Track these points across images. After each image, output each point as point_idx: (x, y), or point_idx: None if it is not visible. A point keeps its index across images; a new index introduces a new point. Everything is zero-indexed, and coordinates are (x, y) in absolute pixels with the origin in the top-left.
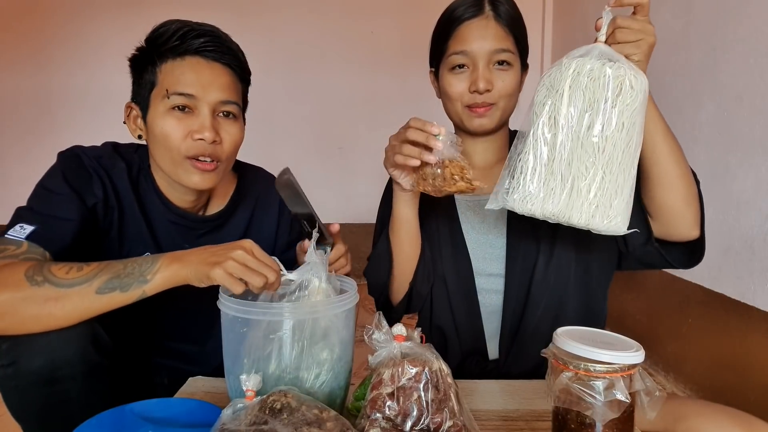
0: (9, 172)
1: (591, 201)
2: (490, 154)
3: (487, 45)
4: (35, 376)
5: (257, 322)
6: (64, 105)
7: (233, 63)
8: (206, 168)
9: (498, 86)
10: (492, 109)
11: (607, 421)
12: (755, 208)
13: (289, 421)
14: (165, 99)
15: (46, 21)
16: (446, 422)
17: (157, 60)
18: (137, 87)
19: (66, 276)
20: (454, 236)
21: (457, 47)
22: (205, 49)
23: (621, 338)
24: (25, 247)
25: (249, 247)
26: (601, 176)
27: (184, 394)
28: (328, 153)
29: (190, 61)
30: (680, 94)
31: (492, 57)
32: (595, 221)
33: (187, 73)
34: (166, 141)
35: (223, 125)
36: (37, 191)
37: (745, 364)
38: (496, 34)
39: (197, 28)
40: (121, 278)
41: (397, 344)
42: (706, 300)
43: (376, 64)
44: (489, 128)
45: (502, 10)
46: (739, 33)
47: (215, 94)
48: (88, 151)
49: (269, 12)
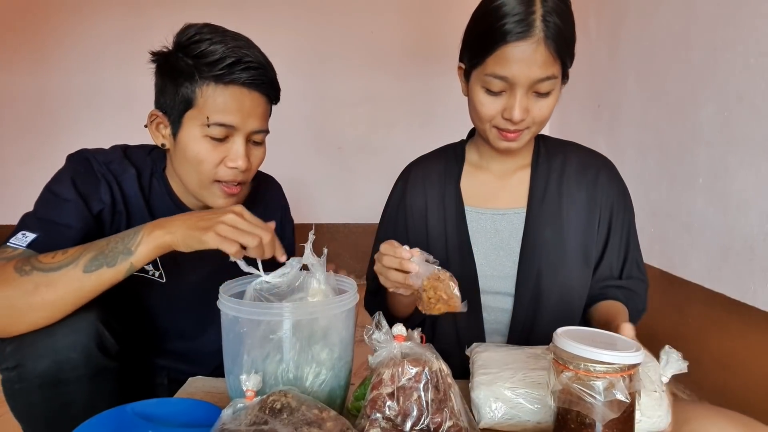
0: (9, 171)
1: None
2: (510, 164)
3: (532, 74)
4: (40, 378)
5: (257, 323)
6: (63, 104)
7: (271, 93)
8: (233, 192)
9: (534, 113)
10: (523, 133)
11: (607, 421)
12: (755, 208)
13: (289, 421)
14: (204, 126)
15: (46, 20)
16: (446, 422)
17: (198, 79)
18: (167, 97)
19: (52, 261)
20: (463, 249)
21: (497, 70)
22: (252, 83)
23: (621, 338)
24: (21, 251)
25: (239, 210)
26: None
27: (184, 394)
28: (328, 153)
29: (234, 90)
30: (680, 94)
31: (533, 86)
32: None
33: (230, 104)
34: (199, 165)
35: (253, 150)
36: (44, 195)
37: (745, 365)
38: (544, 61)
39: (246, 59)
40: (105, 254)
41: (397, 344)
42: (706, 300)
43: (376, 64)
44: (516, 150)
45: (553, 26)
46: (739, 33)
47: (252, 123)
48: (98, 156)
49: (269, 11)
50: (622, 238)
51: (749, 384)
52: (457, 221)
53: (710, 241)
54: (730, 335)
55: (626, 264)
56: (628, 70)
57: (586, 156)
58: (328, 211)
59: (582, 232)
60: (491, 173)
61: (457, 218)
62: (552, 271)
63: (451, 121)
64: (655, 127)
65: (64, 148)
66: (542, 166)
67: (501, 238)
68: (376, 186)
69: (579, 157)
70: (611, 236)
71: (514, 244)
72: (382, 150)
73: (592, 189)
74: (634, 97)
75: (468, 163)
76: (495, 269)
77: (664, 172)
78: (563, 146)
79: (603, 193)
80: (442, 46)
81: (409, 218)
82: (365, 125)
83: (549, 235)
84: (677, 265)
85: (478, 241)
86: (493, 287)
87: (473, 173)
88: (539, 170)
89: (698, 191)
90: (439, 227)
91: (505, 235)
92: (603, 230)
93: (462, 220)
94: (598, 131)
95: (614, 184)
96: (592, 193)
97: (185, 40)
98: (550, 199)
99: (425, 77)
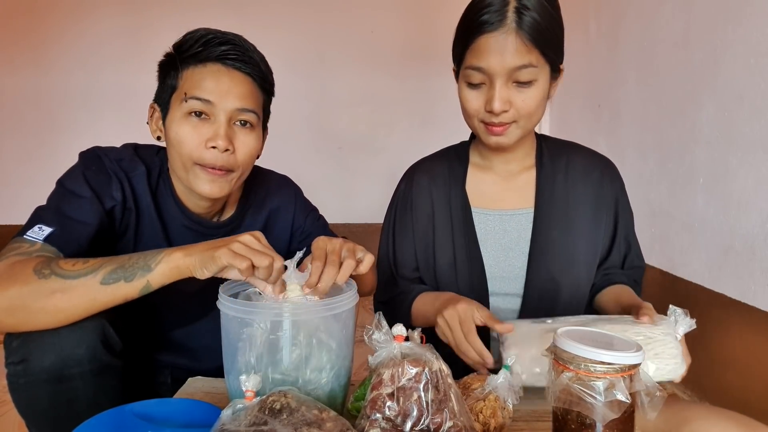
0: (8, 171)
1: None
2: (514, 165)
3: (506, 62)
4: (45, 373)
5: (257, 323)
6: (62, 103)
7: (254, 72)
8: (215, 174)
9: (517, 105)
10: (510, 127)
11: (608, 422)
12: (755, 208)
13: (289, 422)
14: (183, 102)
15: (44, 19)
16: (446, 423)
17: (180, 65)
18: (160, 90)
19: (72, 268)
20: (471, 251)
21: (473, 61)
22: (227, 57)
23: (621, 338)
24: (39, 246)
25: (257, 235)
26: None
27: (184, 394)
28: (328, 153)
29: (211, 68)
30: (680, 94)
31: (511, 75)
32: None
33: (207, 79)
34: (180, 146)
35: (238, 134)
36: (58, 190)
37: (745, 365)
38: (517, 49)
39: (221, 35)
40: (125, 268)
41: (397, 344)
42: (706, 300)
43: (376, 64)
44: (507, 145)
45: (528, 18)
46: (739, 33)
47: (233, 102)
48: (109, 153)
49: (269, 11)
50: (625, 235)
51: (749, 384)
52: (465, 223)
53: (710, 241)
54: (730, 335)
55: (628, 256)
56: (628, 70)
57: (588, 156)
58: (327, 211)
59: (590, 232)
60: (496, 174)
61: (465, 220)
62: (561, 271)
63: (451, 121)
64: (655, 127)
65: (62, 148)
66: (547, 167)
67: (510, 239)
68: (376, 186)
69: (582, 157)
70: (617, 234)
71: (523, 245)
72: (382, 150)
73: (598, 188)
74: (634, 97)
75: (472, 164)
76: (504, 270)
77: (664, 172)
78: (565, 147)
79: (608, 192)
80: (442, 46)
81: (416, 222)
82: (365, 125)
83: (557, 235)
84: (677, 265)
85: (487, 242)
86: (503, 288)
87: (478, 175)
88: (544, 171)
89: (698, 191)
90: (446, 230)
91: (514, 236)
92: (609, 228)
93: (469, 222)
94: (598, 131)
95: (617, 183)
96: (599, 192)
97: (177, 41)
98: (557, 199)
99: (425, 77)
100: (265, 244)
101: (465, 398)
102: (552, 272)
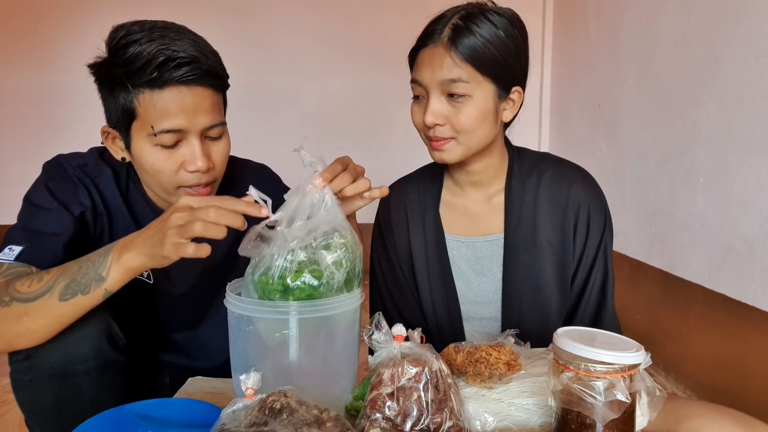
0: (8, 171)
1: None
2: (483, 189)
3: (435, 75)
4: (50, 370)
5: (263, 320)
6: (62, 102)
7: (214, 81)
8: (201, 194)
9: (452, 120)
10: (450, 143)
11: (608, 422)
12: (755, 208)
13: (289, 422)
14: (152, 136)
15: (44, 17)
16: (446, 422)
17: (131, 88)
18: (111, 111)
19: (29, 290)
20: (445, 277)
21: (414, 74)
22: (188, 79)
23: (621, 338)
24: (6, 267)
25: (183, 205)
26: None
27: (184, 394)
28: (328, 153)
29: (171, 91)
30: (680, 94)
31: (444, 88)
32: None
33: (171, 107)
34: (159, 175)
35: (212, 147)
36: (24, 207)
37: (745, 365)
38: (445, 63)
39: (175, 56)
40: (78, 281)
41: (397, 344)
42: (706, 300)
43: (376, 64)
44: (450, 162)
45: (463, 34)
46: (739, 33)
47: (202, 120)
48: (72, 160)
49: (269, 11)
50: (598, 253)
51: (749, 384)
52: (438, 249)
53: (710, 241)
54: (730, 335)
55: (602, 311)
56: (628, 70)
57: (560, 168)
58: None
59: (557, 251)
60: (467, 200)
61: (438, 246)
62: (533, 294)
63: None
64: (655, 127)
65: (63, 147)
66: (516, 190)
67: (482, 264)
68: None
69: (553, 172)
70: (587, 247)
71: (496, 270)
72: (382, 150)
73: (564, 203)
74: (634, 97)
75: (446, 188)
76: (478, 295)
77: (664, 172)
78: (540, 162)
79: (574, 204)
80: None
81: (402, 263)
82: (365, 125)
83: (528, 260)
84: (677, 265)
85: (460, 268)
86: (478, 313)
87: (451, 200)
88: (513, 195)
89: (698, 191)
90: (421, 254)
91: (486, 262)
92: (579, 242)
93: (443, 249)
94: (598, 131)
95: (589, 192)
96: (564, 208)
97: (114, 45)
98: (524, 223)
99: None
100: (193, 204)
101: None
102: (524, 296)
